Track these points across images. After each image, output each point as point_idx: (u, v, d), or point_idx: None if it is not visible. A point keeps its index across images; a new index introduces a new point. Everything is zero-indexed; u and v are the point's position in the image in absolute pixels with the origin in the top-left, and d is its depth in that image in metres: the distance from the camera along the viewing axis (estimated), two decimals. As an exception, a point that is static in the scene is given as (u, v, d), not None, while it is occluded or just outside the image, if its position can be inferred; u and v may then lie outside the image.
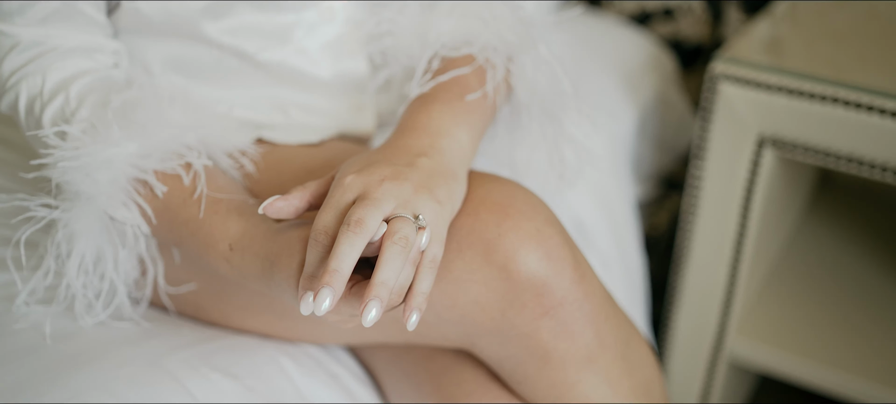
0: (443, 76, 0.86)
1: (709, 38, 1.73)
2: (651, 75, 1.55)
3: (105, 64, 0.88)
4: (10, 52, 0.85)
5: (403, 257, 0.67)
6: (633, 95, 1.46)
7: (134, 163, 0.79)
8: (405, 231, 0.68)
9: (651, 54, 1.60)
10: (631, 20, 1.76)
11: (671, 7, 1.72)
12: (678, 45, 1.75)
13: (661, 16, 1.74)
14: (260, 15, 0.91)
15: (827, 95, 1.16)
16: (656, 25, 1.75)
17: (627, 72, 1.50)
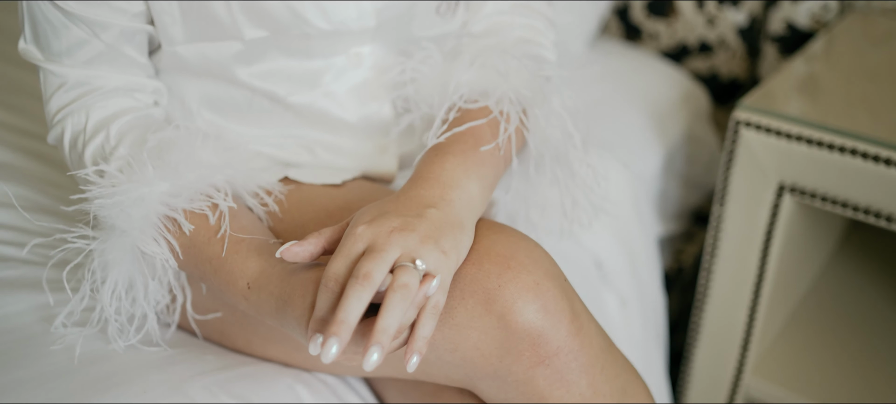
0: (459, 127, 0.90)
1: (746, 74, 1.75)
2: (682, 112, 1.58)
3: (145, 102, 0.95)
4: (57, 91, 0.92)
5: (405, 305, 0.72)
6: (661, 133, 1.49)
7: (165, 201, 0.85)
8: (407, 279, 0.72)
9: (684, 90, 1.63)
10: (667, 55, 1.79)
11: (709, 42, 1.74)
12: (715, 79, 1.77)
13: (698, 51, 1.76)
14: (291, 60, 0.96)
15: (846, 147, 1.18)
16: (693, 60, 1.77)
17: (657, 108, 1.53)
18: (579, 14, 1.64)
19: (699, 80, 1.78)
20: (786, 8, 1.62)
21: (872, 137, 1.18)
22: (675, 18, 1.75)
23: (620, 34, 1.84)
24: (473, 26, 1.05)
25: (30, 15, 0.91)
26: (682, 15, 1.74)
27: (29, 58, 0.93)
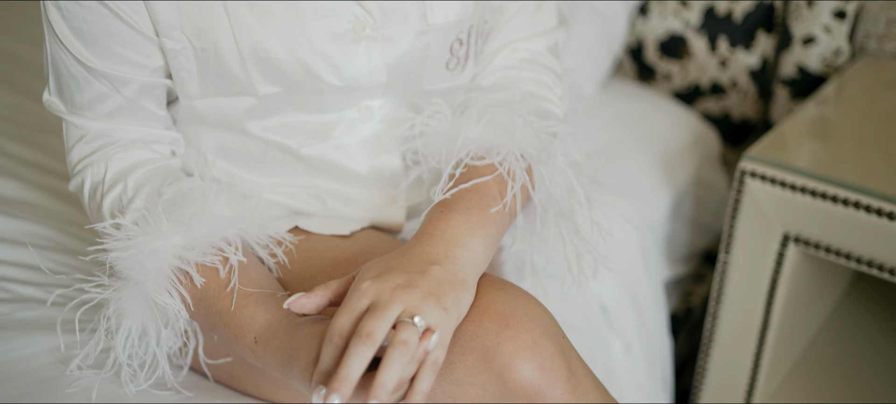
0: (465, 184, 0.93)
1: (758, 116, 1.76)
2: (691, 155, 1.59)
3: (163, 153, 0.99)
4: (78, 142, 0.95)
5: (404, 361, 0.75)
6: (670, 178, 1.51)
7: (178, 253, 0.88)
8: (407, 336, 0.75)
9: (695, 133, 1.65)
10: (680, 95, 1.81)
11: (721, 84, 1.76)
12: (727, 120, 1.79)
13: (711, 92, 1.78)
14: (303, 114, 0.99)
15: (850, 199, 1.20)
16: (705, 101, 1.79)
17: (667, 152, 1.55)
18: (592, 58, 1.66)
19: (711, 120, 1.80)
20: (797, 52, 1.64)
21: (876, 191, 1.19)
22: (689, 60, 1.78)
23: (634, 74, 1.86)
24: (482, 80, 1.07)
25: (54, 68, 0.95)
26: (695, 56, 1.76)
27: (52, 109, 0.96)
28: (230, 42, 0.92)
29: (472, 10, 1.00)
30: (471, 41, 1.03)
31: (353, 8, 0.94)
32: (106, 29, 0.91)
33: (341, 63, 0.95)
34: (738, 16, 1.70)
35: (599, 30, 1.67)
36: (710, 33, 1.73)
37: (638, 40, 1.82)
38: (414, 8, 0.97)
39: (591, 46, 1.67)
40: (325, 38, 0.94)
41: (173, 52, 0.93)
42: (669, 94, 1.82)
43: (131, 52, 0.93)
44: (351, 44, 0.95)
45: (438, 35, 0.99)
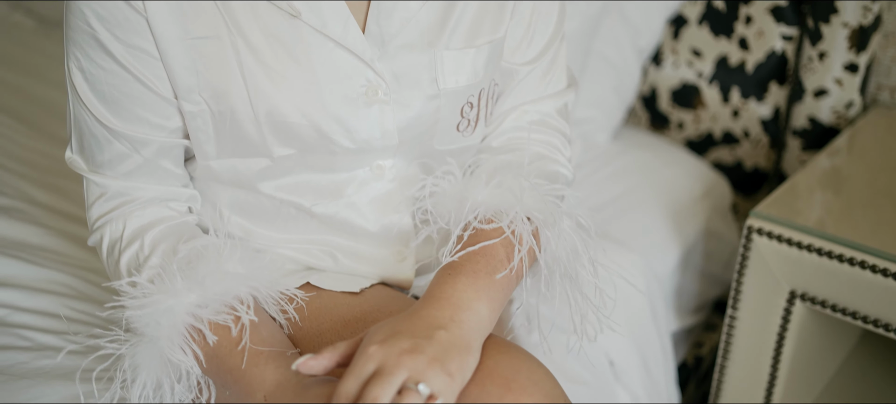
0: (472, 247, 0.95)
1: (770, 165, 1.78)
2: (702, 207, 1.61)
3: (180, 210, 1.02)
4: (98, 199, 0.99)
5: None
6: (680, 230, 1.53)
7: (192, 311, 0.91)
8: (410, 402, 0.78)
9: (706, 184, 1.67)
10: (692, 144, 1.83)
11: (734, 134, 1.78)
12: (739, 168, 1.80)
13: (723, 141, 1.79)
14: (316, 174, 1.02)
15: (855, 259, 1.21)
16: (718, 150, 1.80)
17: (677, 204, 1.57)
18: (604, 109, 1.69)
19: (724, 169, 1.81)
20: (809, 104, 1.65)
21: (882, 251, 1.21)
22: (702, 109, 1.79)
23: (647, 121, 1.88)
24: (493, 140, 1.10)
25: (76, 127, 0.98)
26: (708, 106, 1.78)
27: (74, 167, 1.00)
28: (246, 106, 0.95)
29: (482, 75, 1.03)
30: (481, 104, 1.06)
31: (366, 73, 0.97)
32: (127, 92, 0.94)
33: (354, 126, 0.98)
34: (750, 67, 1.71)
35: (612, 81, 1.70)
36: (722, 84, 1.75)
37: (651, 88, 1.84)
38: (425, 73, 1.00)
39: (604, 98, 1.69)
40: (339, 101, 0.97)
41: (191, 114, 0.96)
42: (682, 143, 1.84)
43: (151, 114, 0.96)
44: (364, 107, 0.98)
45: (449, 99, 1.02)
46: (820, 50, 1.61)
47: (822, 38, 1.60)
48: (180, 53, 0.93)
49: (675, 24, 1.78)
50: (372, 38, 0.97)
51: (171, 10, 0.91)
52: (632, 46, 1.71)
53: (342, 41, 0.95)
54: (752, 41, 1.70)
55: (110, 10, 0.91)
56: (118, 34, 0.92)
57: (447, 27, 1.00)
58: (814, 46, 1.61)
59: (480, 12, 1.02)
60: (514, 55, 1.08)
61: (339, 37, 0.95)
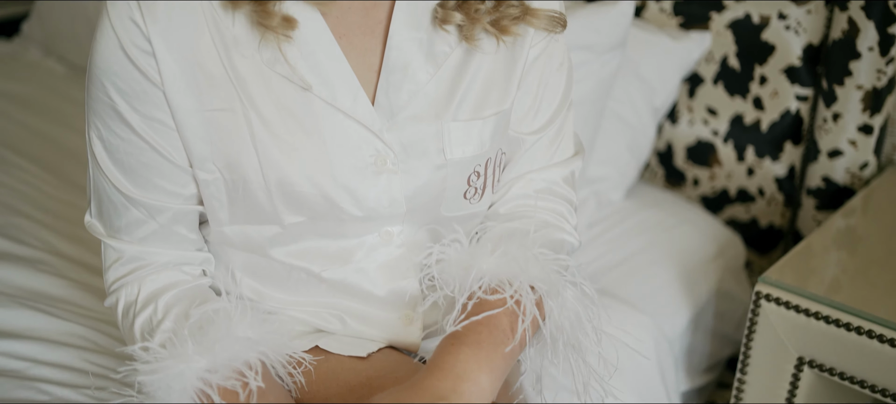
0: (476, 317, 0.97)
1: (785, 223, 1.78)
2: (714, 267, 1.62)
3: (193, 274, 1.05)
4: (114, 263, 1.02)
5: None
6: (691, 291, 1.53)
7: (202, 376, 0.94)
8: None
9: (719, 243, 1.67)
10: (708, 200, 1.84)
11: (749, 192, 1.78)
12: (754, 225, 1.81)
13: (738, 199, 1.80)
14: (325, 240, 1.05)
15: (863, 328, 1.22)
16: (733, 207, 1.81)
17: (689, 264, 1.58)
18: (618, 167, 1.70)
19: (739, 226, 1.82)
20: (824, 164, 1.66)
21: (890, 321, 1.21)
22: (717, 167, 1.81)
23: (663, 177, 1.89)
24: (499, 207, 1.12)
25: (95, 193, 1.02)
26: (723, 164, 1.80)
27: (93, 232, 1.03)
28: (258, 175, 0.98)
29: (489, 145, 1.05)
30: (488, 172, 1.08)
31: (375, 143, 1.00)
32: (144, 161, 0.98)
33: (363, 195, 1.01)
34: (765, 126, 1.73)
35: (627, 140, 1.72)
36: (737, 142, 1.77)
37: (667, 145, 1.86)
38: (433, 143, 1.02)
39: (618, 156, 1.71)
40: (348, 171, 0.99)
41: (205, 182, 1.00)
42: (698, 200, 1.85)
43: (167, 183, 0.99)
44: (372, 177, 1.01)
45: (456, 168, 1.04)
46: (834, 111, 1.62)
47: (836, 100, 1.61)
48: (195, 124, 0.96)
49: (690, 83, 1.80)
50: (381, 109, 1.00)
51: (187, 84, 0.95)
52: (647, 105, 1.72)
53: (352, 113, 0.98)
54: (767, 101, 1.71)
55: (129, 83, 0.94)
56: (136, 106, 0.95)
57: (454, 99, 1.03)
58: (828, 107, 1.63)
59: (487, 84, 1.05)
60: (521, 124, 1.10)
61: (349, 109, 0.98)
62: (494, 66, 1.05)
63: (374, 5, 1.00)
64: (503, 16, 1.02)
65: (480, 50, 1.03)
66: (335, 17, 0.98)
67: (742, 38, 1.71)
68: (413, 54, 1.01)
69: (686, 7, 1.76)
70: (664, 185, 1.90)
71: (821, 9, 1.62)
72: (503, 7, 1.02)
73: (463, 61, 1.03)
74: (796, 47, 1.65)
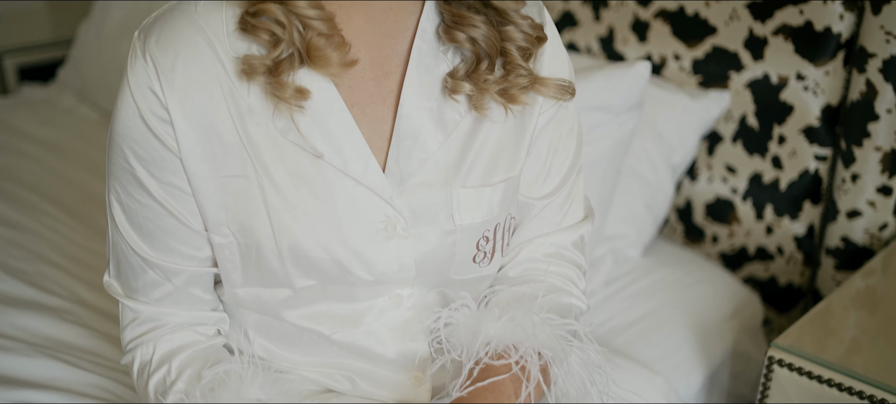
0: (481, 382, 0.98)
1: (804, 282, 1.78)
2: (730, 327, 1.62)
3: (207, 334, 1.07)
4: (131, 323, 1.05)
5: None
6: (706, 352, 1.53)
7: (212, 436, 0.96)
8: None
9: (737, 302, 1.67)
10: (726, 258, 1.84)
11: (768, 250, 1.78)
12: (773, 283, 1.80)
13: (757, 257, 1.80)
14: (335, 303, 1.07)
15: (876, 397, 1.21)
16: (751, 265, 1.81)
17: (705, 324, 1.58)
18: (636, 225, 1.71)
19: (758, 284, 1.82)
20: (843, 224, 1.66)
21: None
22: (736, 224, 1.81)
23: (682, 233, 1.90)
24: (509, 271, 1.14)
25: (114, 254, 1.05)
26: (742, 222, 1.80)
27: (111, 292, 1.06)
28: (270, 240, 1.00)
29: (497, 211, 1.07)
30: (497, 237, 1.10)
31: (385, 209, 1.02)
32: (161, 225, 1.01)
33: (373, 260, 1.03)
34: (783, 185, 1.73)
35: (645, 198, 1.72)
36: (756, 200, 1.77)
37: (686, 201, 1.86)
38: (442, 209, 1.04)
39: (636, 214, 1.72)
40: (359, 236, 1.02)
41: (220, 245, 1.02)
42: (716, 257, 1.85)
43: (183, 246, 1.02)
44: (382, 242, 1.03)
45: (465, 234, 1.06)
46: (853, 172, 1.62)
47: (855, 161, 1.61)
48: (211, 190, 0.99)
49: (709, 140, 1.81)
50: (391, 176, 1.02)
51: (203, 151, 0.98)
52: (665, 163, 1.74)
53: (362, 180, 1.01)
54: (786, 160, 1.72)
55: (147, 150, 0.97)
56: (154, 172, 0.98)
57: (464, 166, 1.05)
58: (847, 168, 1.63)
59: (497, 151, 1.07)
60: (530, 189, 1.12)
61: (360, 176, 1.00)
62: (504, 133, 1.07)
63: (386, 75, 1.03)
64: (512, 85, 1.04)
65: (490, 118, 1.05)
66: (348, 87, 1.01)
67: (761, 97, 1.72)
68: (423, 122, 1.03)
69: (705, 66, 1.78)
70: (683, 242, 1.90)
71: (839, 70, 1.62)
72: (512, 77, 1.04)
73: (472, 129, 1.05)
74: (815, 108, 1.66)
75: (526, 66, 1.04)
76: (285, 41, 0.94)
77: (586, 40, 1.95)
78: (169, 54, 0.95)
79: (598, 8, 1.90)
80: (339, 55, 0.96)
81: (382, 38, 1.02)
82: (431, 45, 1.03)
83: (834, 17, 1.59)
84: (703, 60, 1.78)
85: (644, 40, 1.84)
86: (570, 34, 1.98)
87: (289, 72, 0.96)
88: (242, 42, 0.96)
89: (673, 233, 1.91)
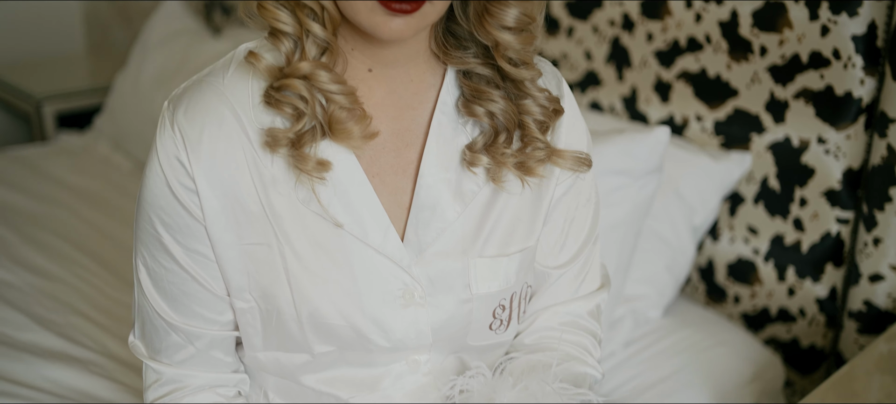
0: (493, 456, 1.00)
1: (827, 344, 1.77)
2: (750, 390, 1.62)
3: (228, 396, 1.10)
4: (154, 384, 1.08)
5: None
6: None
7: None
8: None
9: (756, 366, 1.67)
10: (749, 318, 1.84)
11: (790, 311, 1.78)
12: (795, 345, 1.80)
13: (779, 318, 1.80)
14: (353, 368, 1.09)
15: (893, 469, 1.21)
16: (774, 326, 1.81)
17: (725, 386, 1.58)
18: (657, 286, 1.72)
19: (780, 346, 1.81)
20: (865, 288, 1.66)
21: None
22: (758, 285, 1.81)
23: (704, 292, 1.90)
24: (524, 338, 1.15)
25: (140, 316, 1.08)
26: (764, 283, 1.80)
27: (136, 352, 1.09)
28: (290, 307, 1.03)
29: (514, 280, 1.09)
30: (513, 305, 1.11)
31: (403, 277, 1.04)
32: (185, 290, 1.04)
33: (390, 327, 1.05)
34: (805, 248, 1.73)
35: (665, 259, 1.73)
36: (778, 262, 1.77)
37: (708, 261, 1.87)
38: (459, 278, 1.06)
39: (656, 275, 1.72)
40: (377, 304, 1.04)
41: (242, 310, 1.05)
42: (738, 317, 1.85)
43: (206, 310, 1.05)
44: (400, 309, 1.05)
45: (482, 302, 1.08)
46: (875, 236, 1.62)
47: (876, 225, 1.61)
48: (234, 257, 1.02)
49: (731, 201, 1.82)
50: (410, 245, 1.05)
51: (227, 219, 1.01)
52: (686, 224, 1.75)
53: (381, 249, 1.03)
54: (808, 222, 1.72)
55: (174, 217, 1.01)
56: (180, 239, 1.02)
57: (481, 236, 1.07)
58: (869, 232, 1.63)
59: (513, 221, 1.09)
60: (546, 258, 1.13)
61: (379, 245, 1.03)
62: (521, 204, 1.09)
63: (407, 146, 1.06)
64: (529, 158, 1.06)
65: (507, 190, 1.07)
66: (369, 157, 1.04)
67: (782, 160, 1.73)
68: (442, 193, 1.06)
69: (727, 128, 1.79)
70: (705, 301, 1.91)
71: (860, 134, 1.63)
72: (529, 149, 1.07)
73: (490, 199, 1.08)
74: (836, 171, 1.67)
75: (543, 139, 1.07)
76: (308, 115, 0.97)
77: (610, 100, 1.97)
78: (196, 125, 0.99)
79: (622, 68, 1.93)
80: (360, 128, 0.99)
81: (403, 111, 1.05)
82: (451, 118, 1.06)
83: (855, 81, 1.60)
84: (725, 122, 1.79)
85: (666, 101, 1.86)
86: (594, 93, 2.00)
87: (311, 144, 0.99)
88: (267, 114, 0.99)
89: (695, 292, 1.92)
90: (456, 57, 1.05)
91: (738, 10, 1.71)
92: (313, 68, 0.97)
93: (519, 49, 1.02)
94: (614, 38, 1.94)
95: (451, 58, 1.05)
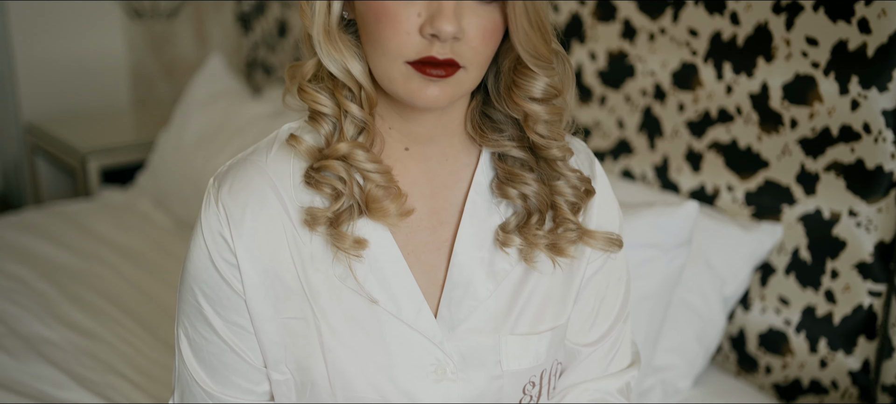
0: None
1: (860, 414, 1.77)
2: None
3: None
4: None
5: None
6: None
7: None
8: None
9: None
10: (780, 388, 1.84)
11: (822, 383, 1.78)
12: (828, 418, 1.79)
13: (811, 390, 1.80)
14: None
15: None
16: (806, 397, 1.80)
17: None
18: (686, 357, 1.73)
19: (812, 417, 1.81)
20: (898, 362, 1.65)
21: None
22: (790, 356, 1.81)
23: (735, 362, 1.90)
24: (555, 413, 1.17)
25: (180, 383, 1.11)
26: (795, 354, 1.80)
27: (174, 418, 1.13)
28: (324, 380, 1.06)
29: (544, 357, 1.11)
30: (543, 382, 1.13)
31: (436, 353, 1.07)
32: (224, 360, 1.07)
33: (423, 401, 1.07)
34: (837, 319, 1.73)
35: (695, 329, 1.74)
36: (809, 333, 1.77)
37: (740, 330, 1.87)
38: (490, 355, 1.09)
39: (686, 345, 1.73)
40: (409, 379, 1.06)
41: (278, 382, 1.08)
42: (770, 388, 1.85)
43: (243, 380, 1.08)
44: (432, 385, 1.07)
45: (512, 379, 1.10)
46: (907, 310, 1.62)
47: (908, 299, 1.61)
48: (272, 330, 1.05)
49: (762, 271, 1.82)
50: (443, 321, 1.07)
51: (266, 293, 1.04)
52: (717, 295, 1.75)
53: (415, 325, 1.06)
54: (839, 295, 1.72)
55: (215, 290, 1.05)
56: (220, 311, 1.05)
57: (512, 314, 1.09)
58: (901, 306, 1.63)
59: (545, 300, 1.11)
60: (577, 336, 1.15)
61: (412, 321, 1.06)
62: (552, 283, 1.12)
63: (441, 224, 1.09)
64: (560, 239, 1.09)
65: (538, 269, 1.10)
66: (404, 235, 1.07)
67: (813, 231, 1.74)
68: (475, 271, 1.08)
69: (758, 198, 1.80)
70: (736, 371, 1.91)
71: (892, 207, 1.64)
72: (561, 230, 1.09)
73: (522, 278, 1.10)
74: (868, 244, 1.67)
75: (574, 221, 1.09)
76: (346, 194, 1.01)
77: (641, 168, 1.99)
78: (239, 203, 1.03)
79: (654, 137, 1.96)
80: (396, 206, 1.03)
81: (439, 190, 1.09)
82: (485, 198, 1.09)
83: (885, 155, 1.61)
84: (756, 193, 1.81)
85: (698, 170, 1.88)
86: (626, 161, 2.02)
87: (348, 222, 1.02)
88: (307, 194, 1.03)
89: (726, 362, 1.92)
90: (492, 139, 1.08)
91: (768, 83, 1.74)
92: (351, 148, 1.00)
93: (548, 119, 1.04)
94: (646, 107, 1.97)
95: (487, 140, 1.08)
